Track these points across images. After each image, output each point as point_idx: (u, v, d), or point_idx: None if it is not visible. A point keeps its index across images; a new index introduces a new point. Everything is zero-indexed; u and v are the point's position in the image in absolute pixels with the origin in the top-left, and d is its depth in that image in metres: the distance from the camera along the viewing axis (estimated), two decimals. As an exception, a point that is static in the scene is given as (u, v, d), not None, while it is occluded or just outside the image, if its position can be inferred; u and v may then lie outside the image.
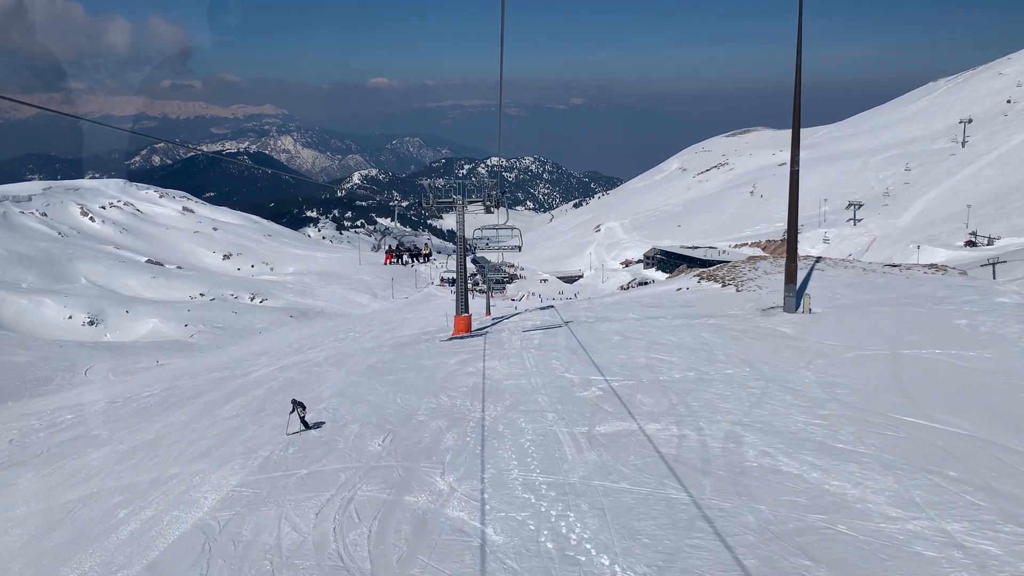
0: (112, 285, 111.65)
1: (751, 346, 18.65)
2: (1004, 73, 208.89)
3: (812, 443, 12.18)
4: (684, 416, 13.82)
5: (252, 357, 49.62)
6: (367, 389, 18.19)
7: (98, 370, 70.42)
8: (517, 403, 15.48)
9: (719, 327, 20.83)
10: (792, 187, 21.19)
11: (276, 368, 26.08)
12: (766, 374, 16.42)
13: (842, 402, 14.23)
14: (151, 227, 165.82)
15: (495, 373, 18.41)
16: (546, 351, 20.55)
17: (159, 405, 22.83)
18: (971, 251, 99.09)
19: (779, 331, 19.90)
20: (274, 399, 19.02)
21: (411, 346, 25.54)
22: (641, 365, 17.77)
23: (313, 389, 19.37)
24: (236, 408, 18.81)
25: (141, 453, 15.75)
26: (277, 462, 13.22)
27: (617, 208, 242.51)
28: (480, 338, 25.27)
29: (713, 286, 27.98)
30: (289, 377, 22.40)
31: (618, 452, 12.16)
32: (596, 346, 20.32)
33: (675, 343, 19.55)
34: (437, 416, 14.97)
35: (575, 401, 15.32)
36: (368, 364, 22.03)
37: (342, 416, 15.88)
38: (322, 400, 17.66)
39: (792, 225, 21.46)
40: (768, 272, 27.81)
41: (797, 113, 20.81)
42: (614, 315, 25.54)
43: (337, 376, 20.83)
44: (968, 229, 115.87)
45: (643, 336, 20.81)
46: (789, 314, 21.41)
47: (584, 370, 17.84)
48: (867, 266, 29.28)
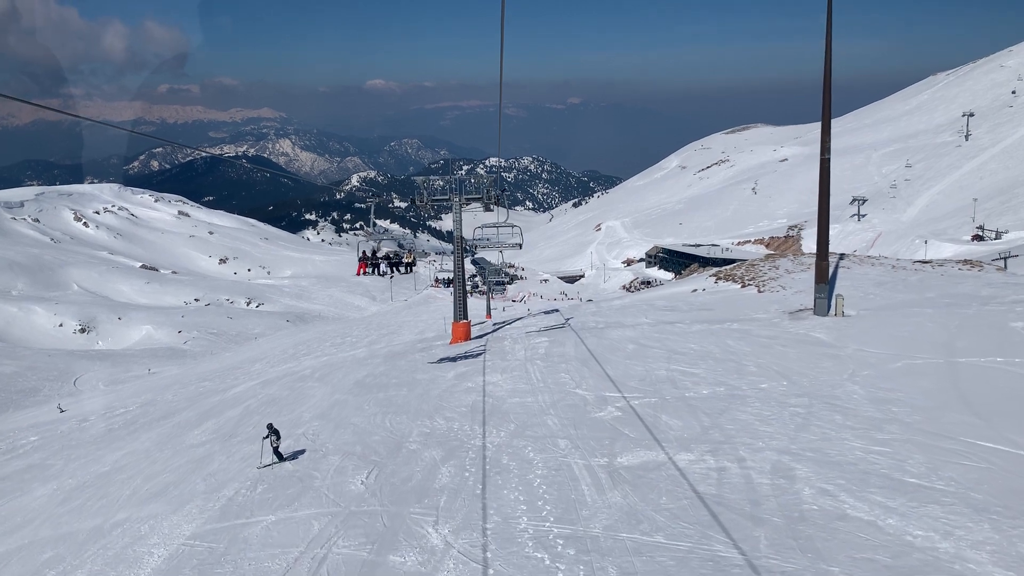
0: (105, 291, 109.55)
1: (784, 355, 16.62)
2: (1006, 66, 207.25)
3: (878, 477, 10.17)
4: (720, 443, 11.81)
5: (245, 364, 47.79)
6: (353, 409, 16.17)
7: (88, 380, 68.50)
8: (523, 427, 13.47)
9: (745, 333, 18.81)
10: (823, 176, 19.19)
11: (258, 383, 24.07)
12: (807, 389, 14.39)
13: (902, 423, 12.21)
14: (146, 232, 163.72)
15: (497, 389, 16.39)
16: (553, 362, 18.53)
17: (128, 426, 20.83)
18: (979, 245, 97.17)
19: (813, 337, 17.87)
20: (249, 421, 17.02)
21: (405, 356, 23.52)
22: (662, 379, 15.75)
23: (294, 409, 17.36)
24: (207, 432, 16.81)
25: (90, 491, 13.76)
26: (242, 504, 11.20)
27: (618, 207, 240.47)
28: (480, 346, 23.27)
29: (732, 287, 25.95)
30: (270, 394, 20.39)
31: (646, 492, 10.15)
32: (609, 356, 18.30)
33: (698, 352, 17.53)
34: (431, 444, 12.95)
35: (590, 424, 13.30)
36: (357, 378, 20.01)
37: (323, 444, 13.86)
38: (302, 423, 15.65)
39: (823, 218, 19.47)
40: (790, 271, 25.80)
41: (828, 95, 18.80)
42: (626, 320, 23.53)
43: (322, 393, 18.82)
44: (975, 223, 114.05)
45: (661, 344, 18.79)
46: (821, 317, 19.41)
47: (598, 385, 15.82)
48: (896, 262, 27.27)
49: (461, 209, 25.21)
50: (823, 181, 19.29)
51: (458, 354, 19.22)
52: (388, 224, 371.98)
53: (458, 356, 19.17)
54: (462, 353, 19.15)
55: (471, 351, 19.36)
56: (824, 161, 19.19)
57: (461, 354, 19.24)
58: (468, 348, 21.17)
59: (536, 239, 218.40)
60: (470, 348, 20.87)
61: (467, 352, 19.35)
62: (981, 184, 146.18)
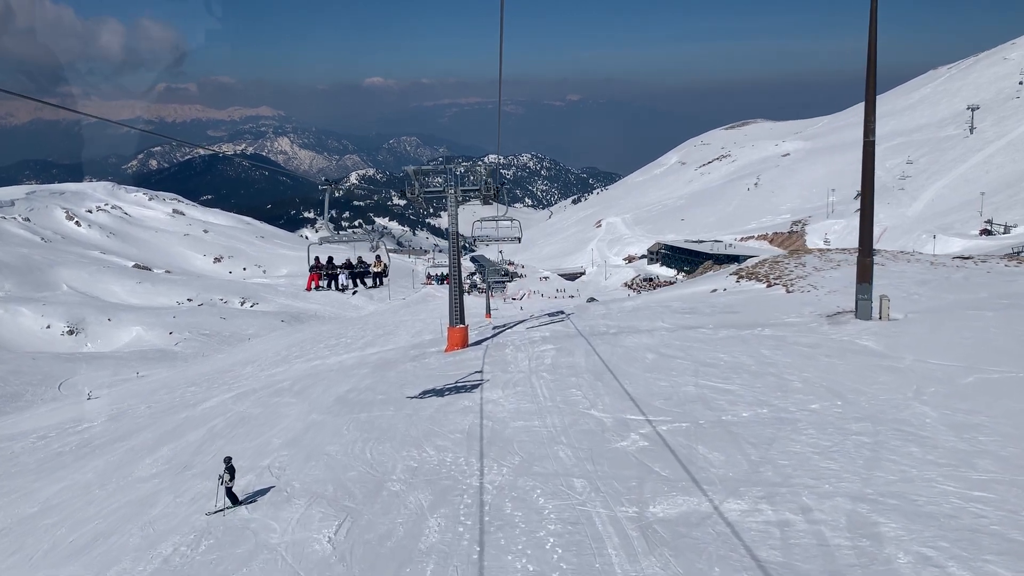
0: (95, 292, 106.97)
1: (831, 367, 14.29)
2: (1009, 58, 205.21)
3: (990, 537, 7.87)
4: (776, 485, 9.49)
5: (236, 367, 45.74)
6: (330, 434, 13.84)
7: (73, 384, 66.10)
8: (530, 460, 11.16)
9: (780, 340, 16.49)
10: (867, 161, 16.89)
11: (233, 396, 21.73)
12: (867, 411, 12.07)
13: (996, 457, 9.90)
14: (139, 231, 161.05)
15: (498, 409, 14.07)
16: (562, 375, 16.20)
17: (80, 449, 18.52)
18: (988, 240, 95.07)
19: (860, 345, 15.56)
20: (211, 447, 14.70)
21: (395, 366, 21.18)
22: (691, 397, 13.42)
23: (263, 433, 15.03)
24: (160, 461, 14.52)
25: (6, 541, 11.47)
26: (177, 570, 8.86)
27: (618, 203, 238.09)
28: (479, 354, 20.94)
29: (756, 286, 23.63)
30: (241, 412, 18.06)
31: (692, 558, 7.85)
32: (626, 368, 15.97)
33: (729, 363, 15.20)
34: (417, 483, 10.64)
35: (611, 457, 10.99)
36: (339, 394, 17.67)
37: (289, 481, 11.54)
38: (269, 452, 13.32)
39: (867, 206, 17.15)
40: (819, 268, 23.48)
41: (873, 67, 16.47)
42: (640, 324, 21.20)
43: (298, 412, 16.49)
44: (982, 217, 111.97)
45: (685, 354, 16.45)
46: (864, 321, 17.10)
47: (616, 405, 13.49)
48: (933, 258, 24.98)
49: (457, 202, 22.89)
50: (867, 166, 16.98)
51: (446, 385, 16.26)
52: (387, 222, 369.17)
53: (446, 388, 16.01)
54: (452, 384, 16.28)
55: (462, 381, 16.37)
56: (869, 144, 16.87)
57: (451, 385, 16.31)
58: (460, 373, 18.11)
59: (536, 236, 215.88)
60: (462, 374, 17.88)
61: (457, 382, 16.37)
62: (988, 178, 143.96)
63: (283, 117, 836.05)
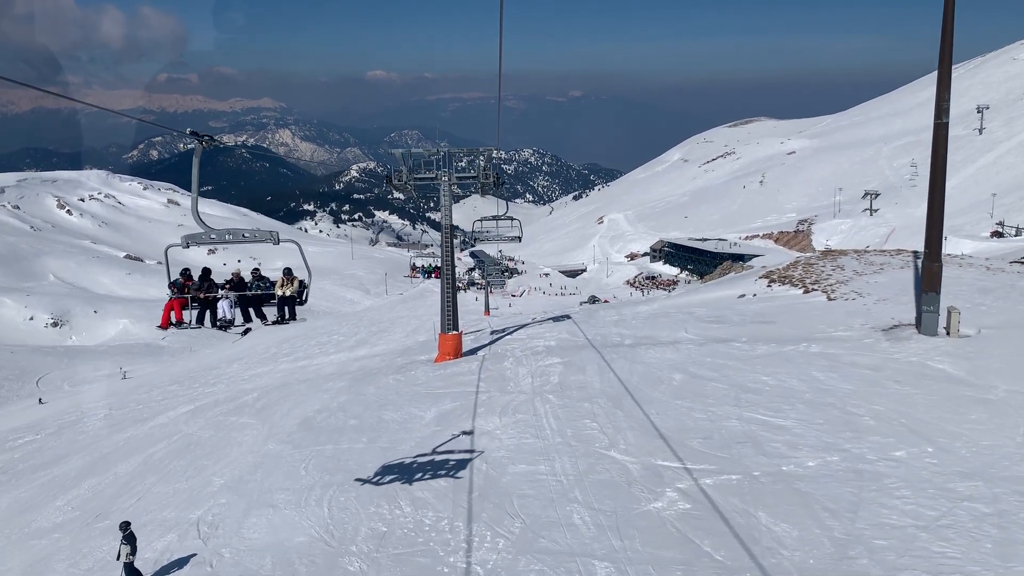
0: (83, 283, 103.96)
1: (906, 398, 11.54)
2: (1018, 58, 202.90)
3: None
4: (881, 586, 6.77)
5: (223, 365, 43.67)
6: (284, 475, 11.11)
7: (52, 380, 63.36)
8: (535, 527, 8.42)
9: (833, 360, 13.74)
10: (938, 145, 14.13)
11: (189, 411, 18.95)
12: (971, 463, 9.32)
13: None
14: (133, 220, 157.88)
15: (494, 446, 11.33)
16: (572, 399, 13.45)
17: (-2, 476, 15.79)
18: (999, 242, 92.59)
19: (934, 368, 12.81)
20: (140, 485, 11.98)
21: (377, 379, 18.40)
22: (736, 435, 10.68)
23: (205, 468, 12.29)
24: (75, 503, 11.82)
25: None
26: None
27: (620, 199, 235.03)
28: (473, 366, 18.20)
29: (790, 292, 20.88)
30: (190, 435, 15.31)
31: None
32: (649, 392, 13.22)
33: (776, 389, 12.46)
34: (383, 562, 7.90)
35: (643, 526, 8.25)
36: (306, 415, 14.93)
37: (217, 548, 8.81)
38: (205, 496, 10.57)
39: (936, 200, 14.39)
40: (860, 272, 20.74)
41: (949, 39, 13.70)
42: (660, 334, 18.47)
43: (253, 439, 13.76)
44: (993, 219, 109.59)
45: (719, 374, 13.70)
46: (930, 338, 14.37)
47: (642, 443, 10.75)
48: (986, 262, 22.26)
49: (452, 191, 20.12)
50: (938, 152, 14.22)
51: (426, 420, 12.31)
52: (387, 215, 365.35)
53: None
54: (433, 417, 12.19)
55: (448, 410, 12.58)
56: (941, 127, 14.10)
57: (431, 421, 12.76)
58: (450, 391, 14.88)
59: (536, 232, 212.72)
60: (451, 392, 14.73)
61: (439, 417, 12.54)
62: (998, 179, 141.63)
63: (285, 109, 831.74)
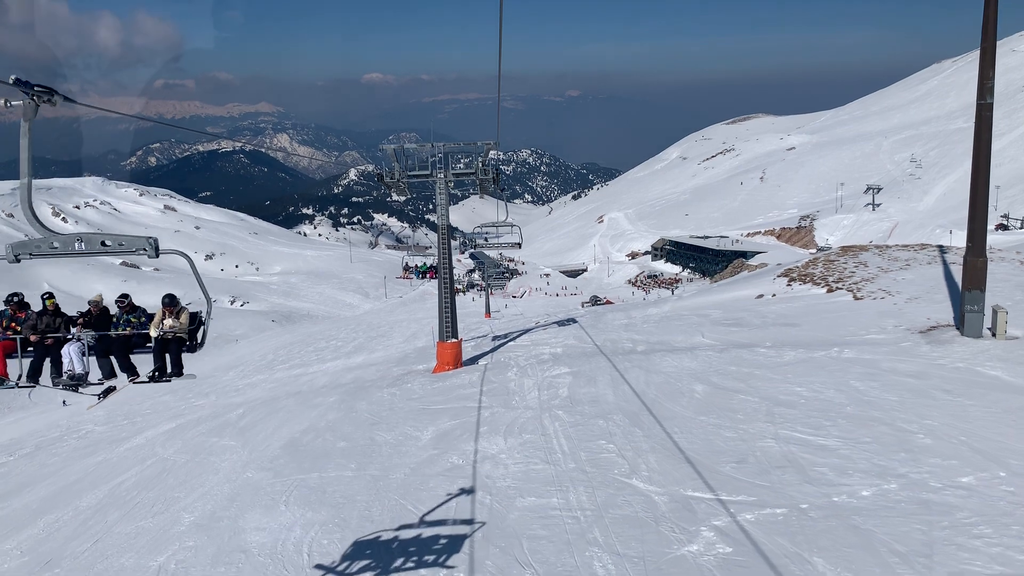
0: (78, 291, 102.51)
1: (961, 411, 10.22)
2: (1018, 50, 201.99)
3: None
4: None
5: (218, 373, 42.65)
6: (261, 511, 9.80)
7: (44, 393, 62.09)
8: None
9: (871, 367, 12.42)
10: (980, 129, 12.86)
11: (171, 428, 17.63)
12: (1054, 490, 8.01)
13: None
14: (129, 227, 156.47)
15: (498, 473, 10.01)
16: (585, 415, 12.13)
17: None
18: (1004, 235, 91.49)
19: (986, 376, 11.50)
20: (101, 523, 10.66)
21: (371, 393, 17.07)
22: (775, 459, 9.35)
23: (176, 501, 10.98)
24: (24, 546, 10.46)
25: None
26: None
27: (620, 198, 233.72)
28: (474, 378, 16.88)
29: (812, 291, 19.58)
30: (166, 459, 14.01)
31: None
32: (670, 407, 11.90)
33: (812, 402, 11.14)
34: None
35: (676, 573, 6.94)
36: (291, 436, 13.62)
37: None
38: (171, 538, 9.26)
39: (979, 189, 13.13)
40: (885, 269, 19.43)
41: (994, 9, 12.41)
42: (675, 339, 17.16)
43: (232, 464, 12.45)
44: (998, 211, 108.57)
45: (746, 385, 12.38)
46: (975, 340, 13.08)
47: (667, 469, 9.43)
48: (1017, 255, 20.93)
49: (448, 188, 18.86)
50: (981, 136, 12.94)
51: (422, 443, 11.00)
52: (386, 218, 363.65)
53: (424, 447, 11.13)
54: (430, 438, 10.58)
55: (446, 433, 10.98)
56: (984, 107, 12.81)
57: (427, 443, 11.44)
58: (449, 407, 13.52)
59: (536, 232, 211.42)
60: (451, 409, 13.34)
61: (438, 440, 11.06)
62: (1000, 171, 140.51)
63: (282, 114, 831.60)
